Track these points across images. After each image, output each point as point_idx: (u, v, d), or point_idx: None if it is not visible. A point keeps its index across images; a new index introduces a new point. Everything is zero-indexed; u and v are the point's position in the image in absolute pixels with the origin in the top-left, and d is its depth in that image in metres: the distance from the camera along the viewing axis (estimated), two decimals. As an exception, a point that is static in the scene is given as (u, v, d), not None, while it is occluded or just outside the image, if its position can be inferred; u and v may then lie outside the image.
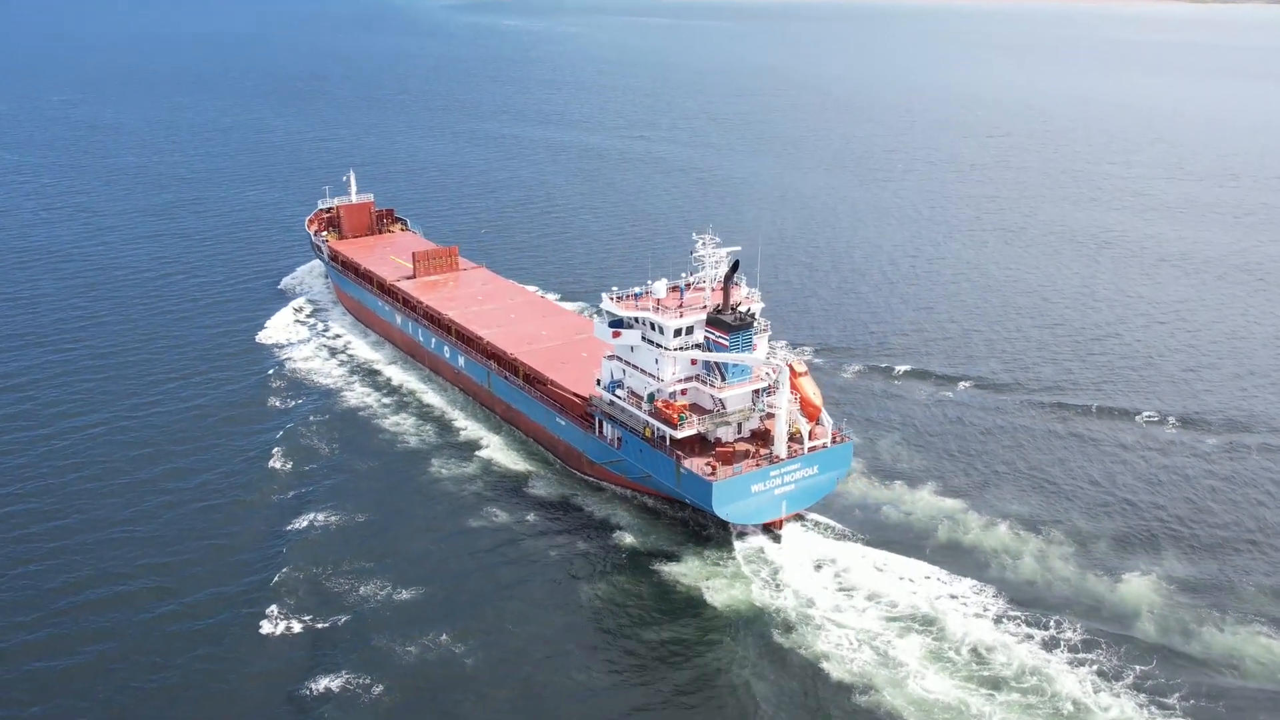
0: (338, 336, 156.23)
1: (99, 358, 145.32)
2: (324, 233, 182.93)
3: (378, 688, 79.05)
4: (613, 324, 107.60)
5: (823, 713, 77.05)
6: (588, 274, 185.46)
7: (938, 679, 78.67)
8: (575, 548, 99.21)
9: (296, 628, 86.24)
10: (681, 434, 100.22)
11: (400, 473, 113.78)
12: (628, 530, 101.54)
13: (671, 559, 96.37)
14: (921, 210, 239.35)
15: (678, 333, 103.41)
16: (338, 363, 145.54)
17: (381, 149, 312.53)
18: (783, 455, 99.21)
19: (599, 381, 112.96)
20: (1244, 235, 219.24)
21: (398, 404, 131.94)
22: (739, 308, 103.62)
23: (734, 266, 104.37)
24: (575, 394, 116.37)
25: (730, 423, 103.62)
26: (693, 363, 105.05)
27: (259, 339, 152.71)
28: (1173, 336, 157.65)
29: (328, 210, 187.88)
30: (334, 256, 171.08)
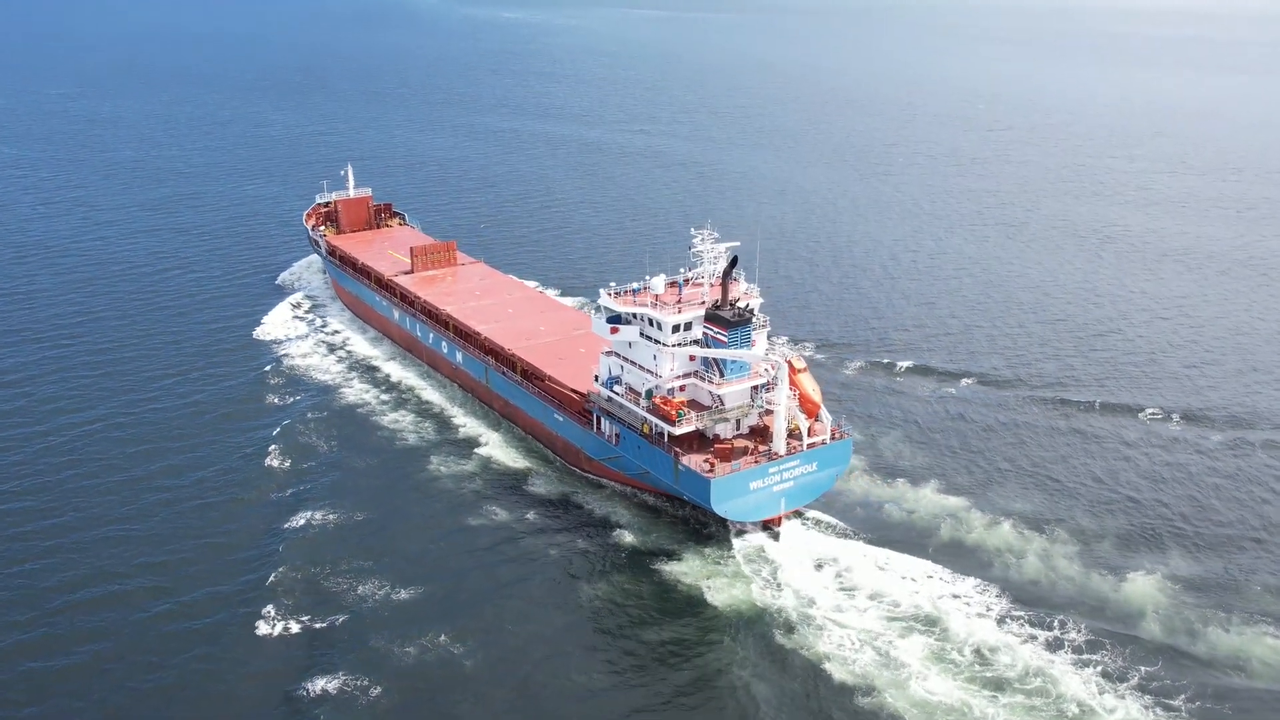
0: (336, 332, 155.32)
1: (96, 353, 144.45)
2: (322, 227, 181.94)
3: (375, 689, 78.36)
4: (611, 320, 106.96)
5: (824, 715, 76.30)
6: (587, 269, 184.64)
7: (940, 680, 77.91)
8: (575, 546, 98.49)
9: (294, 628, 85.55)
10: (680, 430, 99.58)
11: (399, 470, 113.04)
12: (628, 529, 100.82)
13: (672, 558, 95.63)
14: (922, 204, 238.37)
15: (676, 329, 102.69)
16: (336, 359, 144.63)
17: (380, 143, 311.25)
18: (781, 452, 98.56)
19: (597, 378, 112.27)
20: (1247, 230, 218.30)
21: (396, 400, 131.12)
22: (738, 303, 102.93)
23: (733, 262, 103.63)
24: (573, 390, 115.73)
25: (729, 419, 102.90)
26: (691, 359, 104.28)
27: (256, 335, 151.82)
28: (1176, 332, 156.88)
29: (325, 205, 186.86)
30: (332, 251, 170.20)
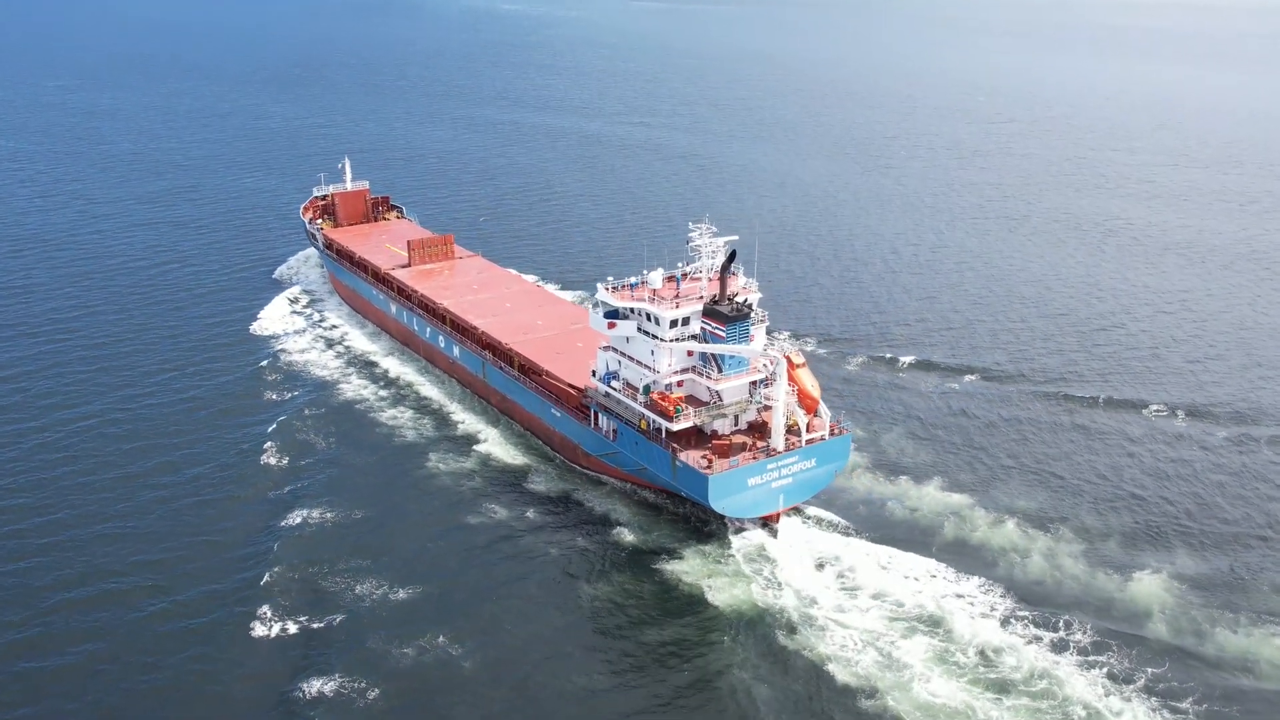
0: (334, 327, 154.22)
1: (92, 348, 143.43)
2: (319, 221, 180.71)
3: (373, 692, 77.44)
4: (608, 315, 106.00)
5: (826, 717, 75.40)
6: (586, 262, 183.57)
7: (944, 682, 76.98)
8: (574, 545, 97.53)
9: (290, 628, 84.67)
10: (677, 426, 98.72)
11: (397, 467, 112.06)
12: (628, 527, 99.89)
13: (672, 556, 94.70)
14: (924, 198, 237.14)
15: (674, 324, 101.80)
16: (334, 354, 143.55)
17: (379, 135, 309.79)
18: (780, 448, 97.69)
19: (594, 373, 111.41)
20: (1250, 223, 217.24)
21: (394, 396, 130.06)
22: (736, 298, 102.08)
23: (731, 256, 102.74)
24: (570, 385, 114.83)
25: (727, 415, 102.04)
26: (689, 354, 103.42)
27: (253, 329, 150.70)
28: (1179, 327, 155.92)
29: (323, 198, 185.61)
30: (329, 245, 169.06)
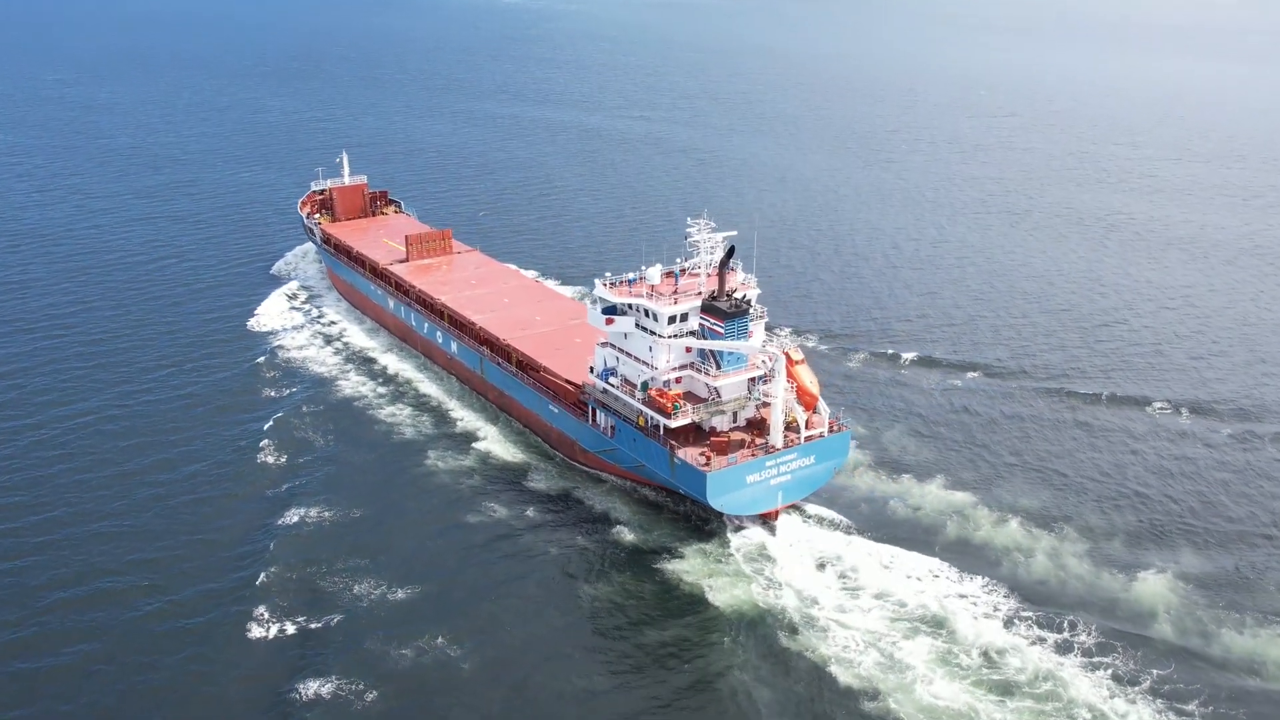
0: (332, 323, 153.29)
1: (89, 344, 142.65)
2: (316, 215, 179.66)
3: (371, 694, 76.72)
4: (606, 310, 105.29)
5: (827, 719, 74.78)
6: (586, 257, 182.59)
7: (947, 684, 76.20)
8: (574, 544, 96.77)
9: (287, 628, 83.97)
10: (675, 423, 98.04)
11: (395, 465, 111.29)
12: (628, 525, 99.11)
13: (673, 556, 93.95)
14: (925, 192, 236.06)
15: (672, 320, 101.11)
16: (332, 350, 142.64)
17: (378, 129, 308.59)
18: (779, 445, 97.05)
19: (592, 369, 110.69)
20: (1253, 218, 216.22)
21: (393, 393, 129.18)
22: (734, 294, 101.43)
23: (729, 252, 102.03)
24: (568, 381, 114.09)
25: (725, 412, 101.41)
26: (687, 350, 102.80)
27: (251, 325, 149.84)
28: (1182, 323, 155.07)
29: (320, 192, 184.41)
30: (326, 239, 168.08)
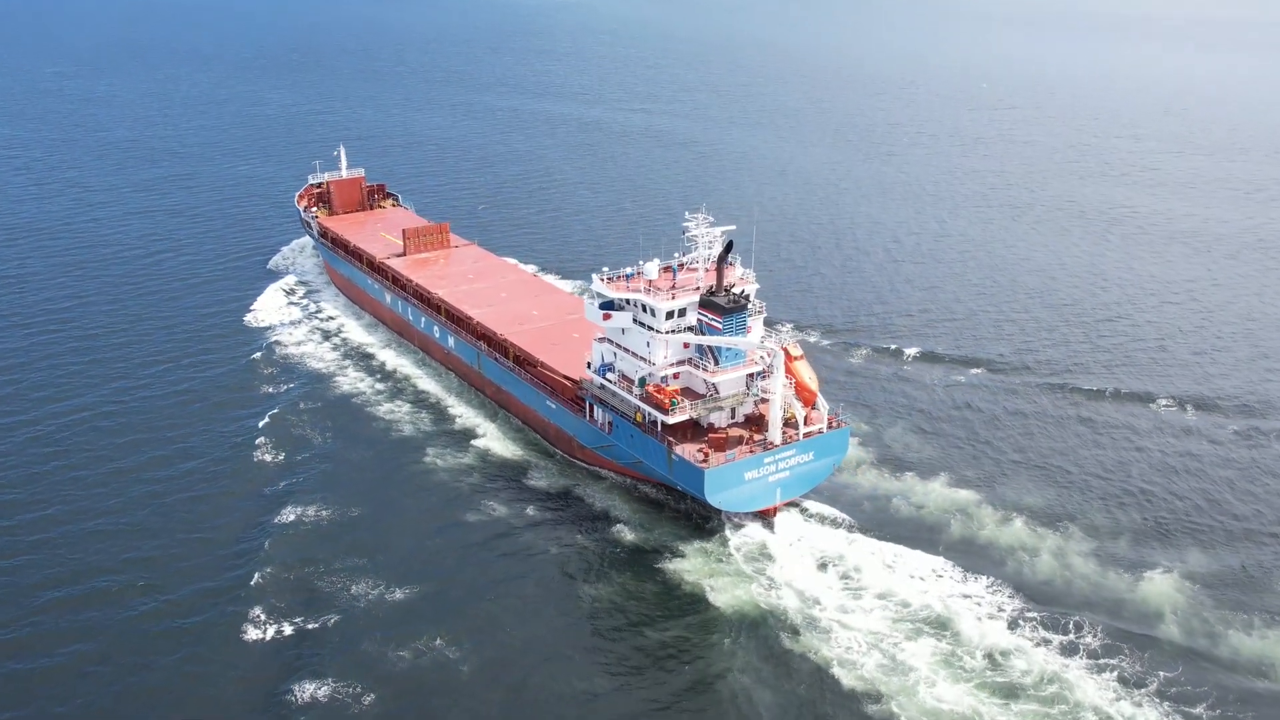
0: (330, 318, 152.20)
1: (85, 339, 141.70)
2: (314, 209, 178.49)
3: (368, 696, 75.84)
4: (603, 306, 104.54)
5: (830, 722, 74.03)
6: (585, 251, 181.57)
7: (950, 686, 75.27)
8: (574, 543, 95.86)
9: (284, 629, 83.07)
10: (673, 419, 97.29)
11: (393, 462, 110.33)
12: (628, 524, 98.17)
13: (674, 555, 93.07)
14: (926, 186, 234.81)
15: (670, 315, 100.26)
16: (330, 346, 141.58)
17: (376, 122, 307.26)
18: (777, 441, 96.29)
19: (589, 364, 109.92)
20: (1256, 211, 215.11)
21: (392, 390, 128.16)
22: (733, 289, 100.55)
23: (728, 247, 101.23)
24: (566, 377, 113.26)
25: (723, 408, 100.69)
26: (685, 346, 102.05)
27: (248, 320, 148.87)
28: (1185, 318, 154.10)
29: (318, 185, 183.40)
30: (324, 233, 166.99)
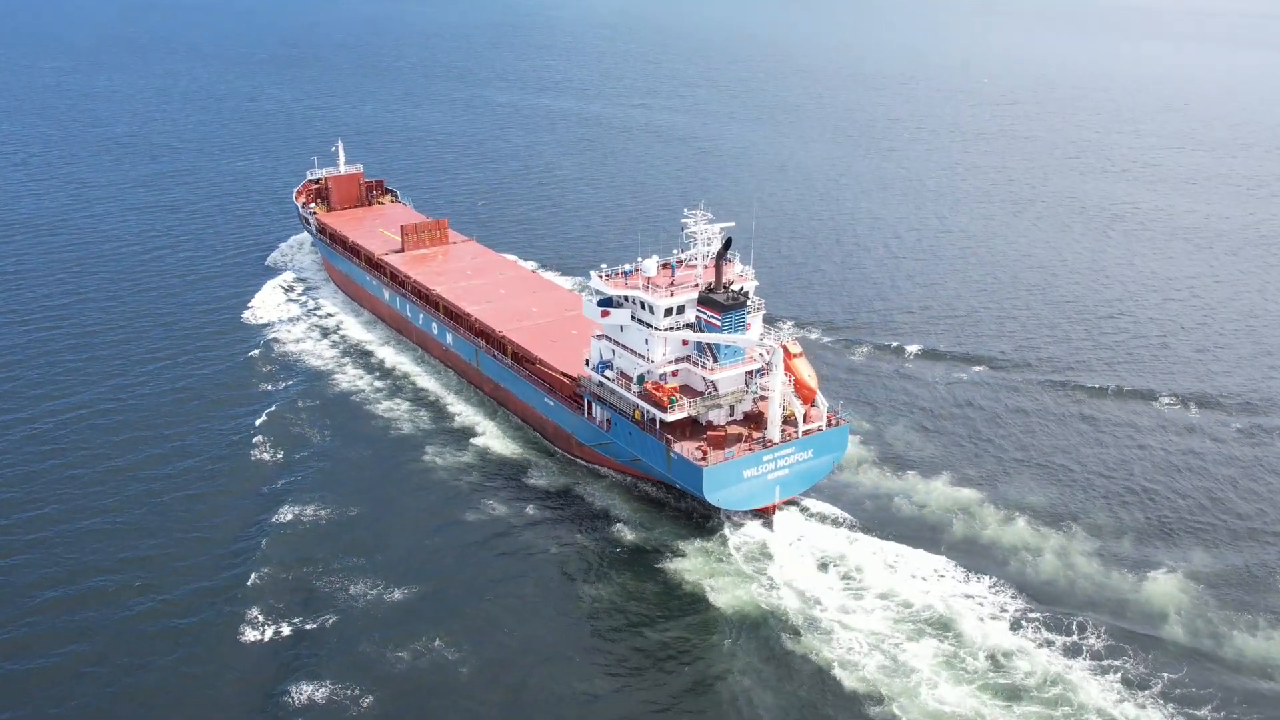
0: (329, 315, 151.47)
1: (83, 336, 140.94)
2: (312, 205, 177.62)
3: (366, 698, 75.25)
4: (601, 303, 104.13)
5: (831, 724, 73.47)
6: (585, 247, 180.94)
7: (952, 688, 74.72)
8: (573, 542, 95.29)
9: (281, 629, 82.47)
10: (672, 417, 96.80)
11: (392, 461, 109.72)
12: (628, 524, 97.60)
13: (674, 554, 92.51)
14: (926, 182, 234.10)
15: (668, 312, 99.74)
16: (328, 343, 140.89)
17: (375, 118, 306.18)
18: (776, 439, 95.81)
19: (588, 362, 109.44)
20: (1258, 207, 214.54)
21: (391, 388, 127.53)
22: (732, 286, 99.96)
23: (727, 243, 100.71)
24: (564, 374, 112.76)
25: (722, 405, 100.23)
26: (684, 343, 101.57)
27: (246, 317, 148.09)
28: (1187, 315, 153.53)
29: (316, 181, 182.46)
30: (322, 229, 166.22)
